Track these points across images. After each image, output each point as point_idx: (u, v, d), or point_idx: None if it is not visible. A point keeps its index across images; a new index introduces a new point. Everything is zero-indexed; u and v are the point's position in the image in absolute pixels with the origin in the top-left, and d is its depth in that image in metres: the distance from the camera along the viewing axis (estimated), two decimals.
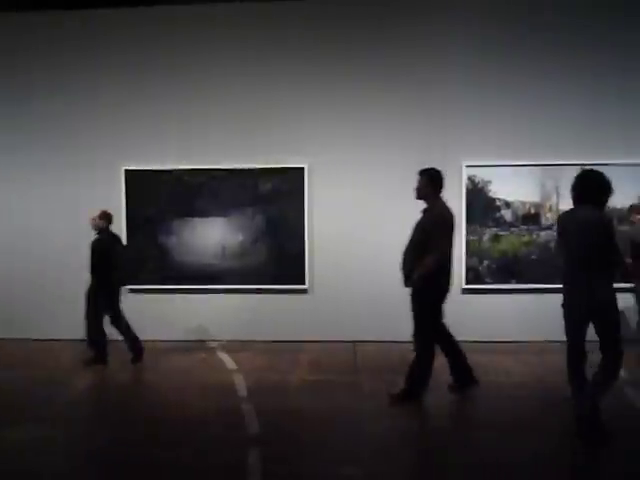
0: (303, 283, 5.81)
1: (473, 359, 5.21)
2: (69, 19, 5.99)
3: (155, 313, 5.87)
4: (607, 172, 3.49)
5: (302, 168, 5.79)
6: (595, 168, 3.53)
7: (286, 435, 3.55)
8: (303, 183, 5.79)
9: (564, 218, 3.57)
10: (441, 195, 4.15)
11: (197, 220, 5.91)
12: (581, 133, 5.69)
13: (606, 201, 3.46)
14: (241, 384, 4.54)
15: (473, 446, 3.36)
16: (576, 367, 3.47)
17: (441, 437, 3.55)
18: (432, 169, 4.19)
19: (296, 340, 5.81)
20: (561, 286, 3.49)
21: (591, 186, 3.44)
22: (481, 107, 5.73)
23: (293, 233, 5.83)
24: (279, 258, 5.86)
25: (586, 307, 3.38)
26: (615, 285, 3.38)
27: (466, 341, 5.72)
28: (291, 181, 5.82)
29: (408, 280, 4.07)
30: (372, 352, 5.50)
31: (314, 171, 5.82)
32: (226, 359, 5.32)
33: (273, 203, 5.85)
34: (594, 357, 3.42)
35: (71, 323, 5.66)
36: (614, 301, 3.37)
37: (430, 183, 4.11)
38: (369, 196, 5.84)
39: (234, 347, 5.67)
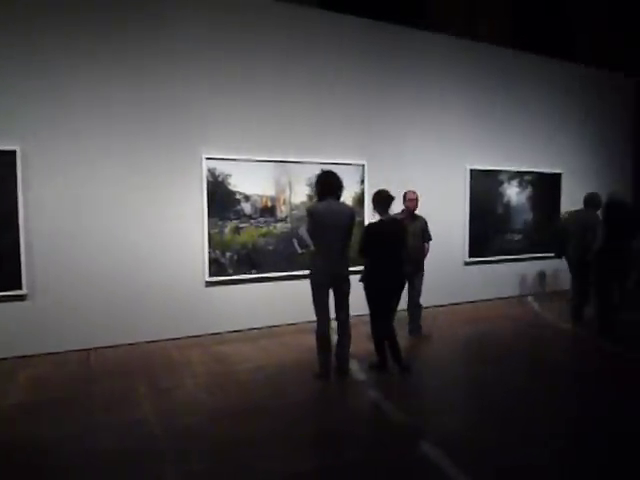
0: (20, 288, 4.90)
1: (215, 350, 5.28)
2: None
3: None
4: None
5: (13, 151, 4.84)
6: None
7: None
8: (15, 169, 4.86)
9: (318, 209, 4.24)
10: None
11: None
12: (304, 135, 6.26)
13: (341, 194, 4.34)
14: None
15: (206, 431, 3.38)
16: (325, 327, 4.32)
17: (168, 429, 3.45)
18: None
19: (14, 356, 4.89)
20: (294, 273, 3.88)
21: (334, 183, 4.28)
22: (224, 102, 5.76)
23: (1, 229, 4.84)
24: None
25: (331, 278, 4.27)
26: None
27: (212, 333, 5.81)
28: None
29: None
30: (109, 358, 5.02)
31: (32, 157, 4.94)
32: None
33: None
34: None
35: None
36: (349, 275, 4.36)
37: None
38: (102, 188, 5.27)
39: None
